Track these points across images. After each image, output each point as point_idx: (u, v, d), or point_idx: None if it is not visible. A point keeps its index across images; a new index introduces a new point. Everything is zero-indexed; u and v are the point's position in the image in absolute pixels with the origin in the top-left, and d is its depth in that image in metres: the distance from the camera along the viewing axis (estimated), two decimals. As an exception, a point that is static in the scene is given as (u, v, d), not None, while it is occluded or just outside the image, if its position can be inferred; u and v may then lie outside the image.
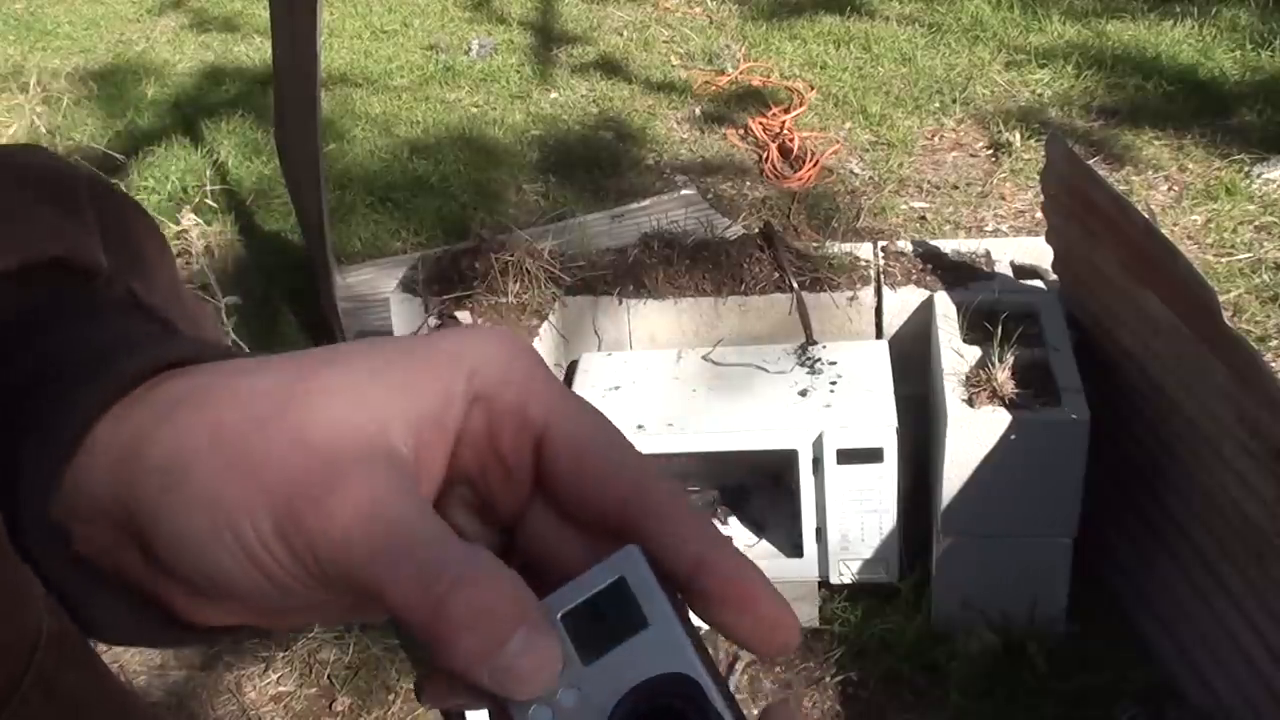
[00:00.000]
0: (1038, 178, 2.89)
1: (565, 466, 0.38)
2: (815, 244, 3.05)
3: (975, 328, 2.58)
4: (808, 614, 2.69)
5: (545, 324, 2.78)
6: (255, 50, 5.72)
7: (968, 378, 2.45)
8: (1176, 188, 4.11)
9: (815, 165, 4.36)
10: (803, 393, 2.61)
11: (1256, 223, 3.86)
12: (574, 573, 0.37)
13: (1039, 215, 3.18)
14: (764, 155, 4.50)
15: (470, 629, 0.33)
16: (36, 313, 0.40)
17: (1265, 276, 3.59)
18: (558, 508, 0.39)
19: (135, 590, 0.38)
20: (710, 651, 0.39)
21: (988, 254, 2.88)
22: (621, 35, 5.65)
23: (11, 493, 0.37)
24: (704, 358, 2.76)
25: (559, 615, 0.36)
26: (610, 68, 5.34)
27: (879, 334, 2.81)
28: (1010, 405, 2.39)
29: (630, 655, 0.36)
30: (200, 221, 4.20)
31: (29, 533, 0.37)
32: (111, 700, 0.39)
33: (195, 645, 0.37)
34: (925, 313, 2.74)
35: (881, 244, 2.95)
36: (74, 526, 0.37)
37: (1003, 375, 2.40)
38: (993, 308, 2.59)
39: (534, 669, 0.34)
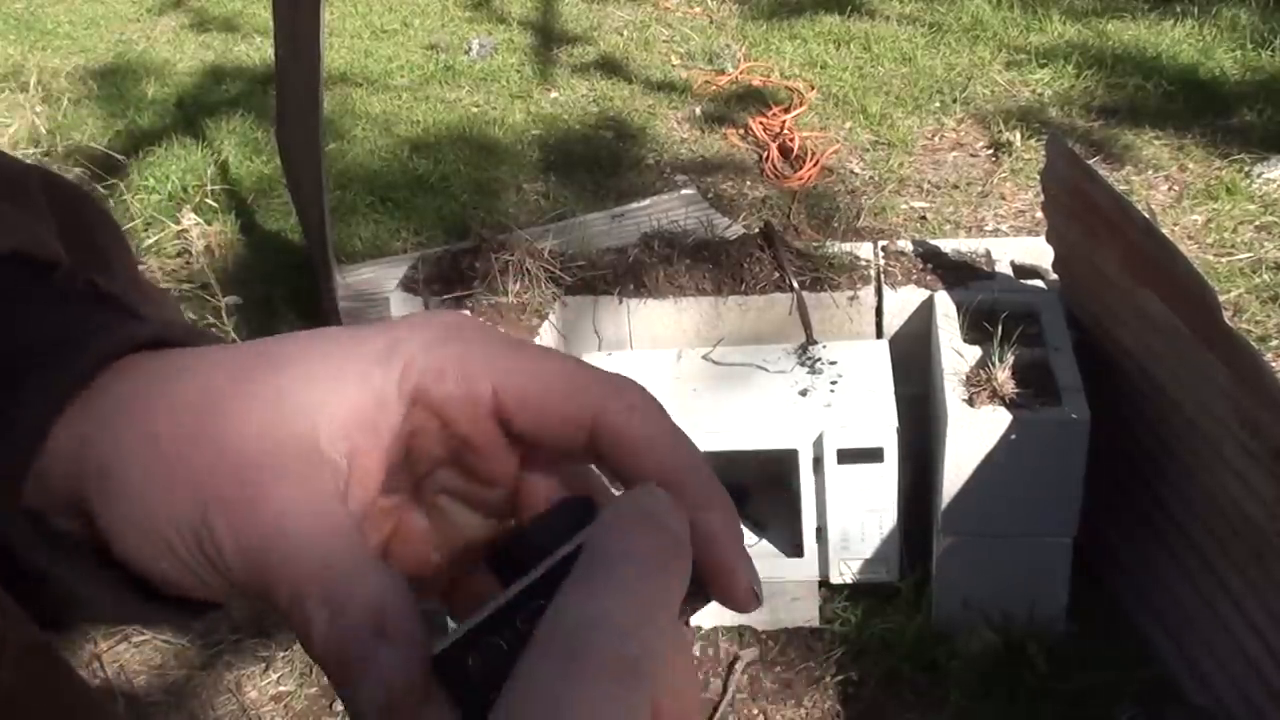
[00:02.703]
0: (1038, 177, 2.89)
1: (528, 423, 0.38)
2: (815, 244, 3.05)
3: (975, 327, 2.58)
4: (808, 613, 2.69)
5: (545, 324, 2.78)
6: (256, 50, 5.72)
7: (968, 377, 2.45)
8: (1177, 187, 4.11)
9: (815, 165, 4.36)
10: (803, 392, 2.61)
11: (1257, 222, 3.86)
12: None
13: (1039, 215, 3.18)
14: (764, 155, 4.50)
15: (372, 686, 0.33)
16: None
17: (1265, 276, 3.59)
18: (544, 460, 0.40)
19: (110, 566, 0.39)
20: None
21: (988, 254, 2.88)
22: (622, 35, 5.65)
23: None
24: (704, 357, 2.76)
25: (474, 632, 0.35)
26: (610, 67, 5.34)
27: (879, 334, 2.81)
28: (1010, 405, 2.39)
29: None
30: (200, 221, 4.20)
31: (6, 526, 0.37)
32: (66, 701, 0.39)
33: (179, 621, 0.38)
34: (925, 312, 2.74)
35: (882, 244, 2.95)
36: (47, 511, 0.38)
37: (1003, 375, 2.40)
38: (993, 307, 2.59)
39: None
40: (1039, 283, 2.79)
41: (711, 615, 2.72)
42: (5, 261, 0.41)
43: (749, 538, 2.76)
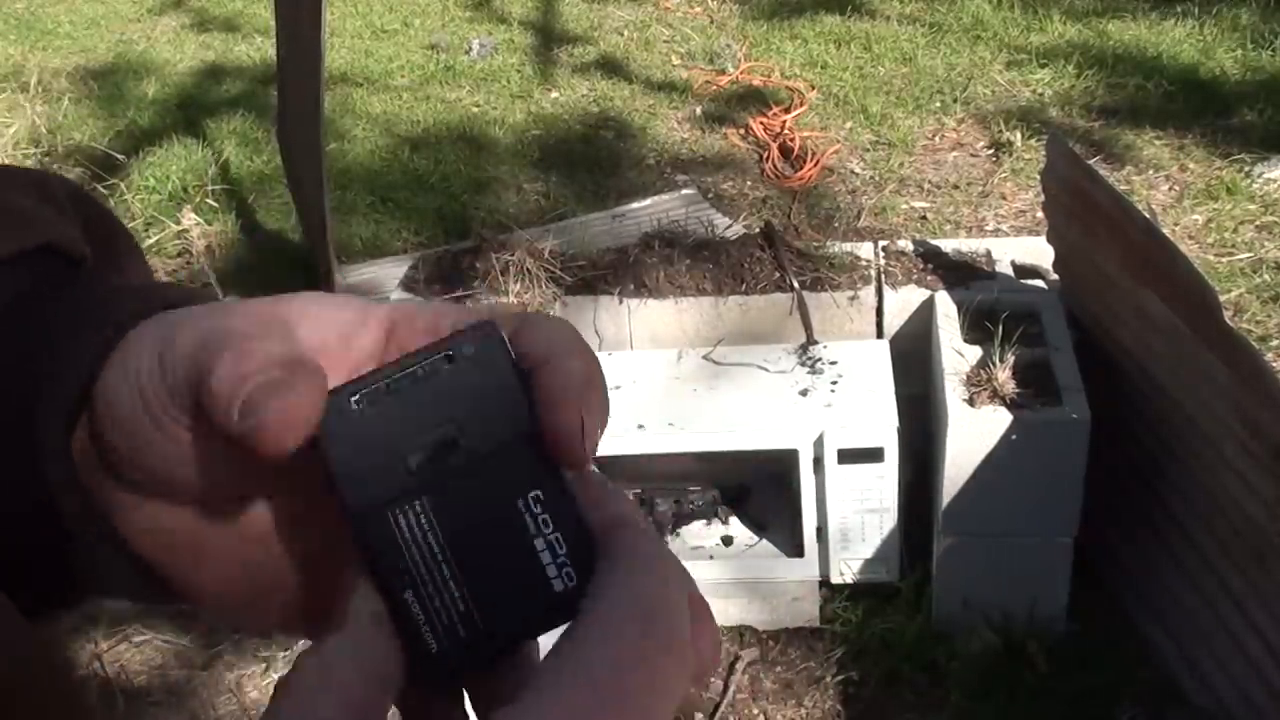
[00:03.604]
0: (1038, 177, 2.89)
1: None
2: (816, 243, 3.05)
3: (976, 327, 2.58)
4: (808, 613, 2.69)
5: (546, 323, 2.78)
6: (256, 49, 5.72)
7: (968, 377, 2.45)
8: (1177, 187, 4.11)
9: (816, 165, 4.36)
10: (803, 392, 2.61)
11: (1257, 222, 3.86)
12: None
13: (1039, 215, 3.18)
14: (765, 155, 4.50)
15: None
16: (34, 291, 0.43)
17: (1266, 276, 3.59)
18: None
19: (111, 534, 0.40)
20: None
21: (988, 254, 2.88)
22: (622, 35, 5.65)
23: (29, 443, 0.39)
24: (704, 357, 2.76)
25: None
26: (611, 67, 5.34)
27: (880, 333, 2.81)
28: (1011, 405, 2.39)
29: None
30: (201, 221, 4.20)
31: (54, 476, 0.39)
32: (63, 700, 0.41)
33: (177, 603, 0.40)
34: (926, 312, 2.74)
35: (882, 243, 2.95)
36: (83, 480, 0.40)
37: (1003, 375, 2.40)
38: (993, 307, 2.59)
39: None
40: (1039, 283, 2.79)
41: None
42: (41, 252, 0.44)
43: (749, 537, 2.76)
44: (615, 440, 2.52)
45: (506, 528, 0.36)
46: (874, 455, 2.49)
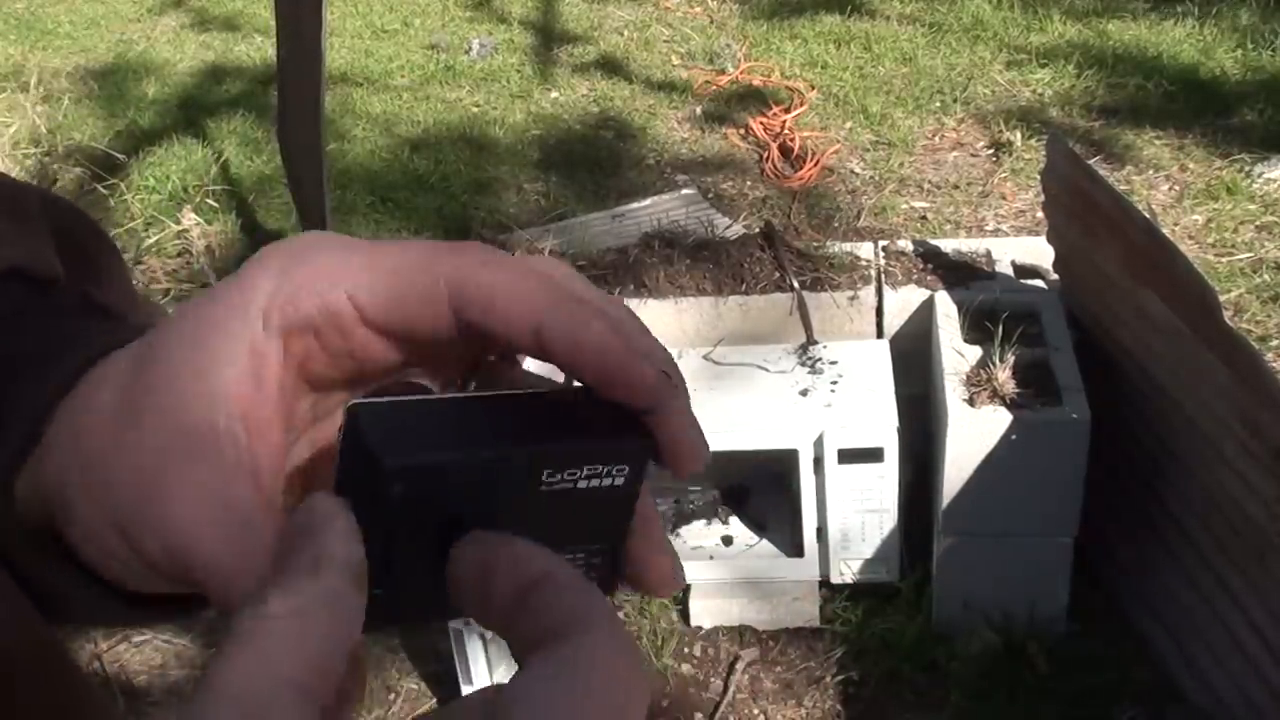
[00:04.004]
0: (1038, 177, 2.89)
1: (393, 321, 0.37)
2: (816, 243, 3.05)
3: (976, 327, 2.58)
4: (808, 613, 2.69)
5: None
6: (256, 49, 5.72)
7: (968, 377, 2.45)
8: (1177, 187, 4.11)
9: (816, 165, 4.36)
10: (803, 392, 2.61)
11: (1257, 222, 3.86)
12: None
13: (1040, 215, 3.18)
14: (764, 155, 4.50)
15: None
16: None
17: (1266, 276, 3.59)
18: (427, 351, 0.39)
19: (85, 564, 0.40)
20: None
21: (988, 254, 2.88)
22: (622, 35, 5.65)
23: None
24: (704, 357, 2.76)
25: None
26: (611, 67, 5.34)
27: (880, 333, 2.81)
28: (1011, 405, 2.39)
29: None
30: (201, 221, 4.20)
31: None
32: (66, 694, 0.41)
33: (166, 621, 0.39)
34: (926, 312, 2.74)
35: (882, 243, 2.95)
36: (42, 513, 0.39)
37: (1003, 375, 2.40)
38: (993, 307, 2.59)
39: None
40: (1039, 283, 2.79)
41: (712, 615, 2.72)
42: (5, 278, 0.43)
43: (749, 538, 2.76)
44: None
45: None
46: (874, 455, 2.49)
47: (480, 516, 0.35)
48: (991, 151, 4.42)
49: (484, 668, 2.47)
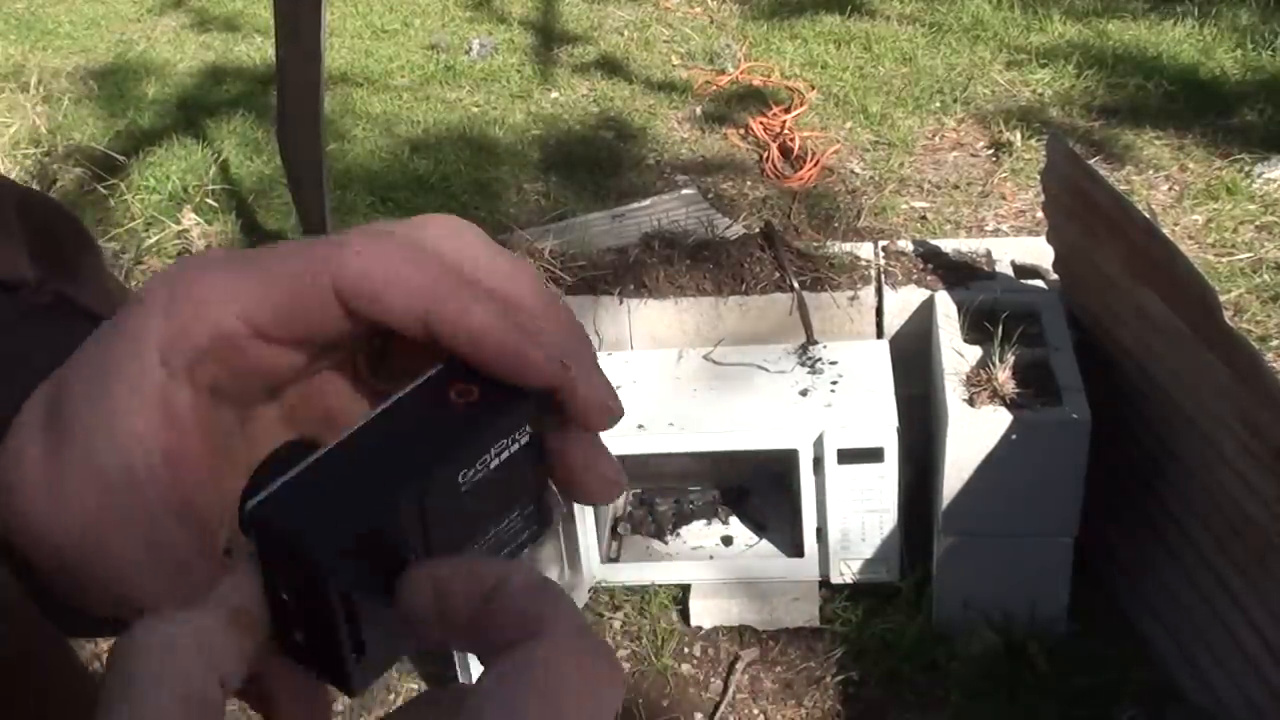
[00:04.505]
0: (1038, 177, 2.89)
1: (294, 333, 0.37)
2: (816, 243, 3.05)
3: (976, 327, 2.58)
4: (808, 613, 2.69)
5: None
6: (256, 50, 5.72)
7: (968, 377, 2.45)
8: (1177, 187, 4.11)
9: (816, 165, 4.36)
10: (803, 392, 2.61)
11: (1257, 222, 3.86)
12: None
13: (1040, 215, 3.18)
14: (764, 155, 4.50)
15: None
16: None
17: (1266, 276, 3.59)
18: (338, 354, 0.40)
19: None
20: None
21: (988, 254, 2.88)
22: (622, 35, 5.65)
23: None
24: (704, 357, 2.76)
25: None
26: (611, 67, 5.34)
27: (879, 334, 2.81)
28: (1011, 405, 2.39)
29: None
30: (201, 221, 4.20)
31: None
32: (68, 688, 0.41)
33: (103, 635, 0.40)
34: (926, 312, 2.74)
35: (882, 243, 2.95)
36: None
37: (1003, 375, 2.40)
38: (993, 307, 2.59)
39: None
40: (1039, 283, 2.79)
41: (712, 615, 2.72)
42: None
43: (749, 538, 2.76)
44: (616, 440, 2.52)
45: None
46: (874, 455, 2.49)
47: (420, 546, 0.34)
48: (991, 151, 4.42)
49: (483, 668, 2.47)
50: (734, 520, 2.80)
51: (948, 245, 2.93)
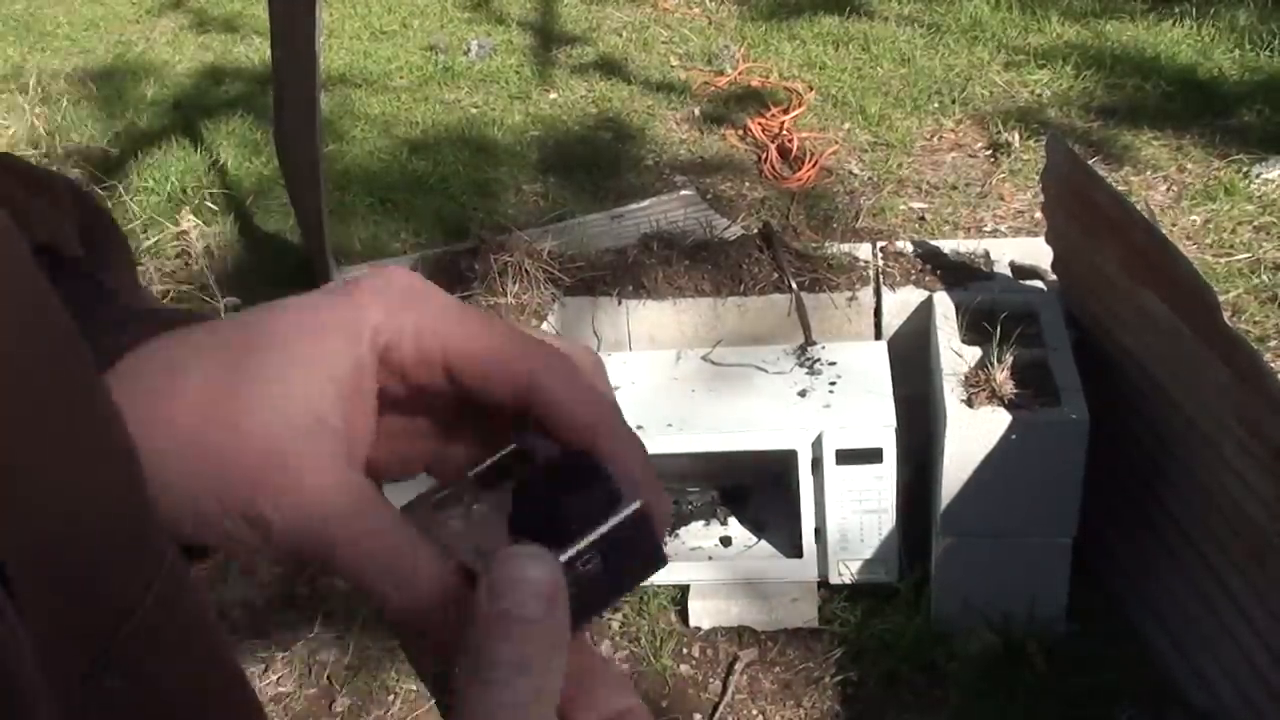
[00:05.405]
0: (1037, 178, 2.89)
1: (474, 379, 0.43)
2: (814, 244, 3.05)
3: (974, 328, 2.58)
4: (807, 614, 2.69)
5: (544, 325, 2.78)
6: (255, 51, 5.72)
7: (967, 378, 2.45)
8: (1176, 188, 4.11)
9: (814, 166, 4.36)
10: (802, 393, 2.61)
11: (1255, 223, 3.86)
12: None
13: (1038, 215, 3.18)
14: (763, 156, 4.50)
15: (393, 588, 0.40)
16: None
17: (1264, 276, 3.59)
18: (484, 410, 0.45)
19: None
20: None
21: (987, 254, 2.88)
22: (621, 36, 5.65)
23: None
24: (703, 358, 2.76)
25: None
26: (609, 68, 5.34)
27: (878, 334, 2.81)
28: (1010, 405, 2.39)
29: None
30: (200, 222, 4.20)
31: None
32: (209, 634, 0.43)
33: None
34: (924, 313, 2.74)
35: (880, 244, 2.95)
36: None
37: (1002, 375, 2.40)
38: (992, 308, 2.59)
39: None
40: (1038, 283, 2.79)
41: (711, 616, 2.72)
42: (36, 251, 0.44)
43: (748, 538, 2.76)
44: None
45: None
46: (872, 456, 2.49)
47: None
48: (990, 152, 4.42)
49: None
50: (733, 521, 2.80)
51: (946, 246, 2.93)
